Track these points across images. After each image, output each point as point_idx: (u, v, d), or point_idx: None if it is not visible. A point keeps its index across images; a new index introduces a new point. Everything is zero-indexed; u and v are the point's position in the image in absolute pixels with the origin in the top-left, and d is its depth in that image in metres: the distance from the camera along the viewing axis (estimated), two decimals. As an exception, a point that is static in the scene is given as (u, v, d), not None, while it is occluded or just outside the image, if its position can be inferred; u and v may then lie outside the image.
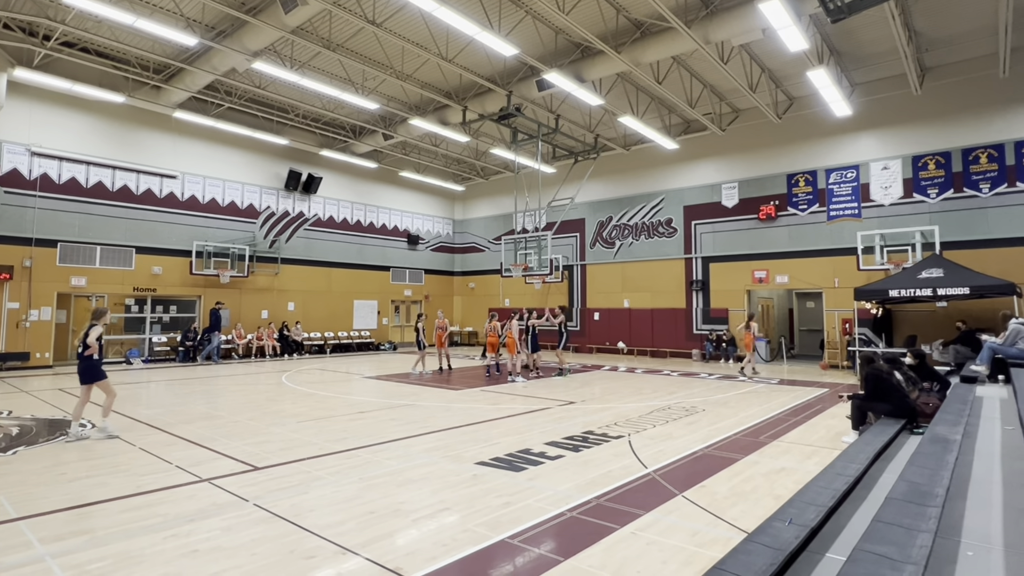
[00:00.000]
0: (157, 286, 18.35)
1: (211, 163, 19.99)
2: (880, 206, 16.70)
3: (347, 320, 23.85)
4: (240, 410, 9.61)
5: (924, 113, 16.15)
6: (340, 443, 7.23)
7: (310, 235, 22.82)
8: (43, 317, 16.09)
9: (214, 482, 5.54)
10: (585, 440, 7.42)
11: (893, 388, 6.76)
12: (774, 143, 18.80)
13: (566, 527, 4.43)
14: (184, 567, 3.70)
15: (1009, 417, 5.96)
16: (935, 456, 4.18)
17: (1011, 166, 14.84)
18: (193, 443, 7.17)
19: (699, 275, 20.34)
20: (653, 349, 21.16)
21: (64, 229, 16.57)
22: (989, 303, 13.69)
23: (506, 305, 26.26)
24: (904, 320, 16.08)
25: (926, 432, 5.32)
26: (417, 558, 3.83)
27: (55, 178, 16.47)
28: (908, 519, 2.92)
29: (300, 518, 4.56)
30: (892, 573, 2.34)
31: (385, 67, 15.69)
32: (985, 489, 3.71)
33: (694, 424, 8.53)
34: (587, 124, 20.34)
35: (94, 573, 3.62)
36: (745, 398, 11.18)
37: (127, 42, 14.53)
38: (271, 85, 17.50)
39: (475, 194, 28.63)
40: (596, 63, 14.52)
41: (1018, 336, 9.32)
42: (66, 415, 8.91)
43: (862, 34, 14.32)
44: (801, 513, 3.38)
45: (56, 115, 16.55)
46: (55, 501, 4.96)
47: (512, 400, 10.91)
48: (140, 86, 17.07)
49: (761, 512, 4.56)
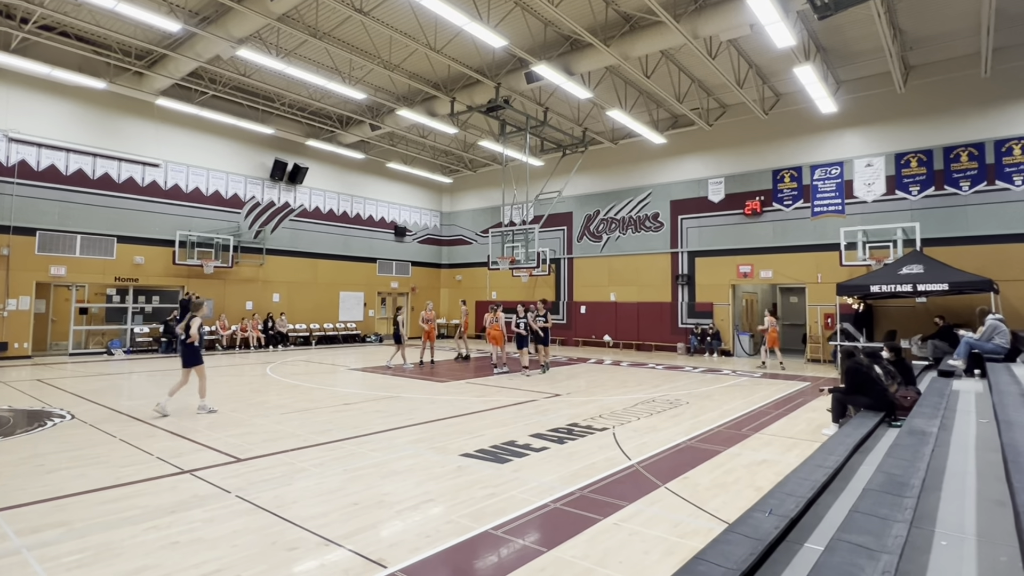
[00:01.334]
0: (139, 276, 18.09)
1: (195, 152, 19.69)
2: (863, 203, 16.89)
3: (333, 312, 23.71)
4: (223, 401, 9.52)
5: (908, 111, 16.33)
6: (324, 435, 7.19)
7: (296, 226, 22.60)
8: (21, 307, 15.79)
9: (196, 474, 5.49)
10: (570, 432, 7.46)
11: (872, 382, 6.86)
12: (760, 139, 18.92)
13: (550, 518, 4.45)
14: (164, 559, 3.66)
15: (984, 411, 6.08)
16: (912, 448, 4.26)
17: (991, 164, 15.07)
18: (175, 434, 7.10)
19: (685, 269, 20.47)
20: (639, 343, 21.30)
21: (43, 217, 16.25)
22: (967, 299, 13.92)
23: (493, 298, 26.27)
24: (885, 315, 16.32)
25: (903, 425, 5.41)
26: (400, 549, 3.83)
27: (33, 165, 16.12)
28: (884, 509, 2.98)
29: (283, 510, 4.54)
30: (868, 562, 2.38)
31: (373, 57, 15.52)
32: (960, 481, 3.78)
33: (678, 417, 8.61)
34: (575, 117, 20.31)
35: (72, 565, 3.58)
36: (728, 391, 11.30)
37: (108, 27, 14.21)
38: (256, 73, 17.25)
39: (463, 186, 28.52)
40: (585, 56, 14.49)
41: (995, 332, 9.53)
42: (45, 406, 8.84)
43: (848, 31, 14.43)
44: (781, 504, 3.43)
45: (35, 101, 16.19)
46: (32, 493, 4.89)
47: (498, 392, 10.93)
48: (122, 72, 16.74)
49: (742, 503, 4.61)
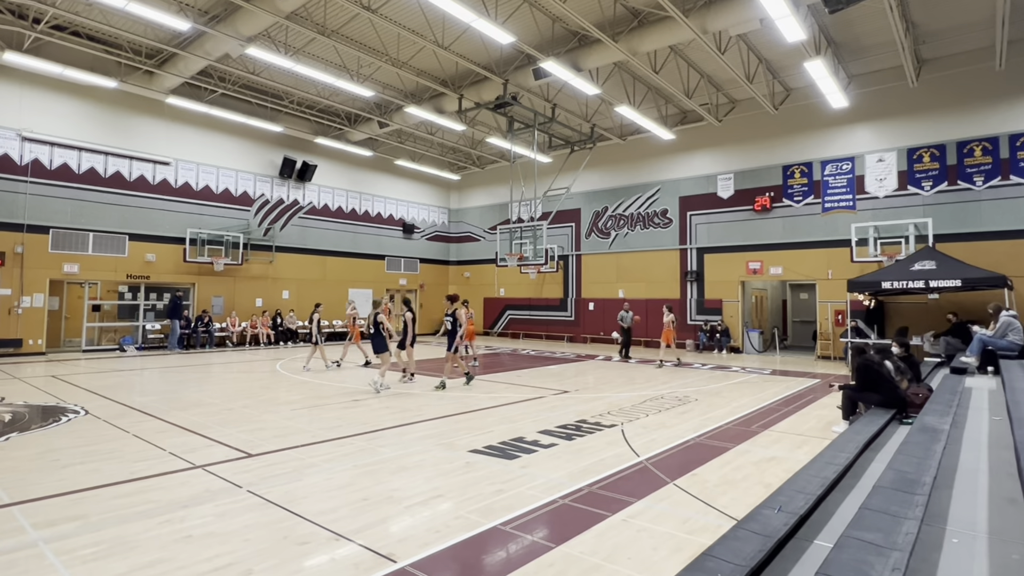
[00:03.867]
0: (151, 273, 18.25)
1: (205, 150, 19.82)
2: (875, 198, 16.73)
3: (341, 309, 23.78)
4: (234, 398, 9.60)
5: (920, 105, 16.14)
6: (334, 431, 7.24)
7: (305, 223, 22.71)
8: (35, 304, 15.99)
9: (208, 469, 5.55)
10: (578, 429, 7.46)
11: (883, 379, 6.81)
12: (770, 134, 18.77)
13: (558, 514, 4.46)
14: (178, 552, 3.71)
15: (997, 408, 6.02)
16: (923, 445, 4.23)
17: (1005, 159, 14.88)
18: (187, 430, 7.18)
19: (694, 266, 20.37)
20: (647, 339, 21.24)
21: (56, 215, 16.43)
22: (980, 295, 13.77)
23: (501, 295, 26.29)
24: (896, 312, 16.18)
25: (915, 422, 5.37)
26: (410, 544, 3.85)
27: (46, 164, 16.30)
28: (895, 507, 2.96)
29: (294, 504, 4.58)
30: (878, 559, 2.38)
31: (380, 54, 15.54)
32: (972, 478, 3.75)
33: (687, 413, 8.59)
34: (583, 114, 20.24)
35: (87, 558, 3.63)
36: (738, 388, 11.25)
37: (119, 26, 14.32)
38: (265, 71, 17.32)
39: (471, 183, 28.52)
40: (593, 52, 14.43)
41: (1009, 328, 9.42)
42: (60, 401, 8.97)
43: (859, 25, 14.28)
44: (790, 501, 3.42)
45: (47, 100, 16.35)
46: (48, 487, 4.96)
47: (506, 389, 10.95)
48: (132, 71, 16.87)
49: (751, 500, 4.60)
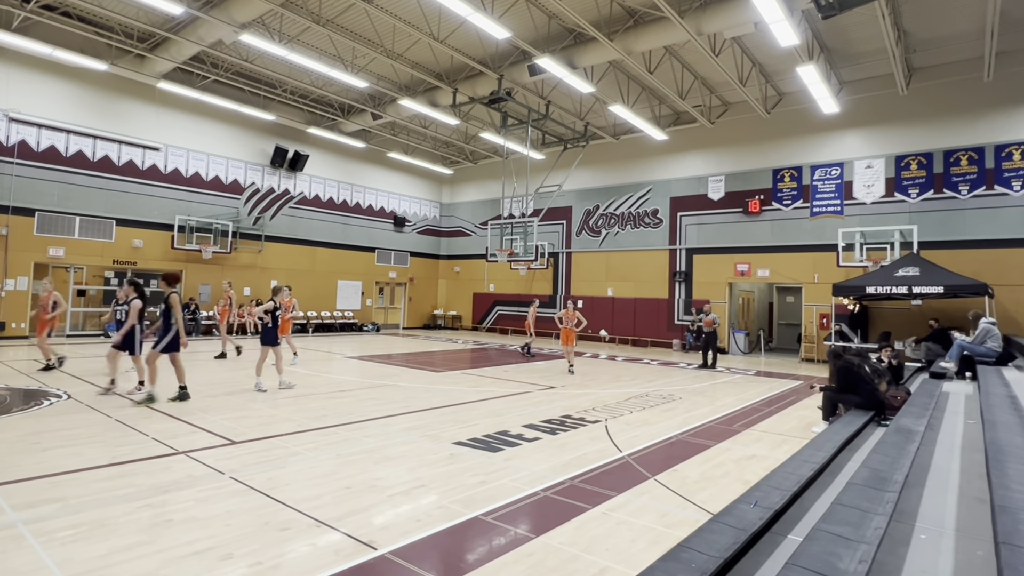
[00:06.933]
0: (138, 259, 18.08)
1: (195, 136, 19.64)
2: (862, 204, 16.93)
3: (330, 300, 23.73)
4: (219, 385, 9.57)
5: (909, 113, 16.34)
6: (319, 420, 7.25)
7: (295, 213, 22.58)
8: (19, 287, 15.80)
9: (190, 455, 5.54)
10: (563, 424, 7.52)
11: (862, 381, 6.93)
12: (762, 138, 18.92)
13: (539, 506, 4.51)
14: (157, 535, 3.72)
15: (972, 412, 6.14)
16: (897, 445, 4.32)
17: (990, 169, 15.10)
18: (171, 416, 7.15)
19: (682, 266, 20.51)
20: (634, 338, 21.37)
21: (42, 198, 16.22)
22: (961, 302, 14.00)
23: (491, 290, 26.32)
24: (880, 317, 16.40)
25: (891, 423, 5.48)
26: (391, 532, 3.88)
27: (33, 145, 16.08)
28: (866, 502, 3.03)
29: (276, 491, 4.59)
30: (846, 551, 2.44)
31: (375, 45, 15.48)
32: (943, 478, 3.84)
33: (670, 411, 8.68)
34: (577, 111, 20.28)
35: (66, 540, 3.63)
36: (722, 388, 11.37)
37: (111, 8, 14.15)
38: (259, 59, 17.19)
39: (463, 178, 28.49)
40: (588, 50, 14.46)
41: (987, 335, 9.60)
42: (42, 385, 8.90)
43: (852, 32, 14.42)
44: (766, 496, 3.48)
45: (36, 81, 16.12)
46: (28, 469, 4.94)
47: (492, 383, 10.99)
48: (124, 54, 16.66)
49: (730, 496, 4.67)
